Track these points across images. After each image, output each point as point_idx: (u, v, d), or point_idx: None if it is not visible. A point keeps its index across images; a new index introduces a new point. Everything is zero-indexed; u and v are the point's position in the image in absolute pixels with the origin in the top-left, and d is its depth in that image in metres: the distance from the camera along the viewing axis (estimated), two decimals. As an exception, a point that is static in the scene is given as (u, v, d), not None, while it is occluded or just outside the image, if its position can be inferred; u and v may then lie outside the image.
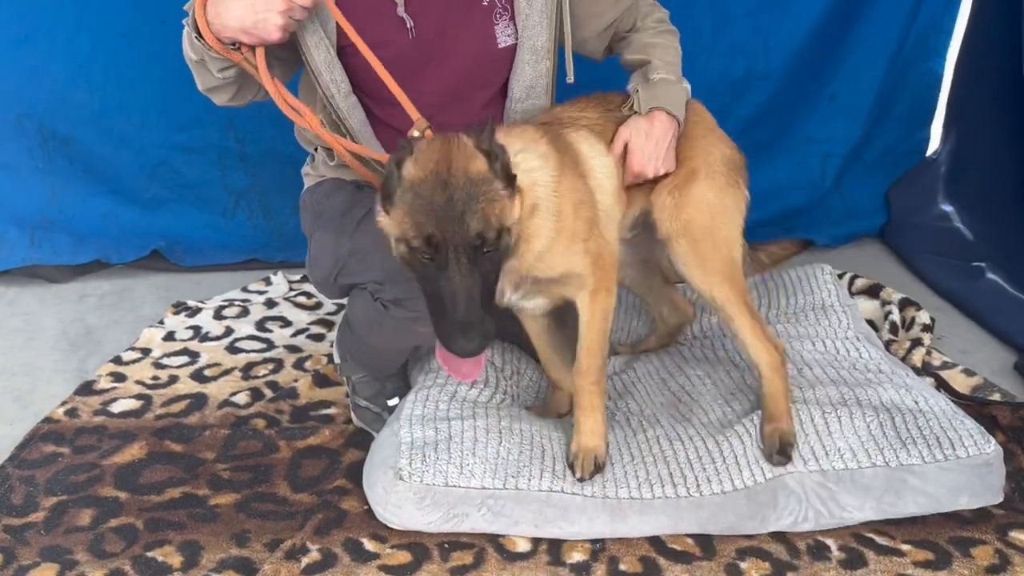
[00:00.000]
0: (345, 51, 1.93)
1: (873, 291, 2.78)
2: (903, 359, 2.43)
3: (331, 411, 2.33)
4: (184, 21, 1.83)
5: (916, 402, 1.99)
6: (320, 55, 1.90)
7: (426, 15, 1.93)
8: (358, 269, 1.97)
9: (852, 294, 2.77)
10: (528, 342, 2.22)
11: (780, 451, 1.85)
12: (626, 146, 1.98)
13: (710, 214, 1.99)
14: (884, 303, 2.72)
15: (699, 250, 1.96)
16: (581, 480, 1.84)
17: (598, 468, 1.86)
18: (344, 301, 2.24)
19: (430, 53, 1.91)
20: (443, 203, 1.55)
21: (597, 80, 2.17)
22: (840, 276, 2.81)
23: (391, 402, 2.23)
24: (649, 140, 1.95)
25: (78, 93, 3.15)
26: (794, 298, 2.58)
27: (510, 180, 1.64)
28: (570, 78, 2.07)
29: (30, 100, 3.14)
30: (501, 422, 1.95)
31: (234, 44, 1.80)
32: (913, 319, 2.62)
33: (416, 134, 1.79)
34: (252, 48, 1.81)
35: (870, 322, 2.64)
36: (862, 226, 3.51)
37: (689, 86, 2.09)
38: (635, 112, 2.01)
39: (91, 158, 3.25)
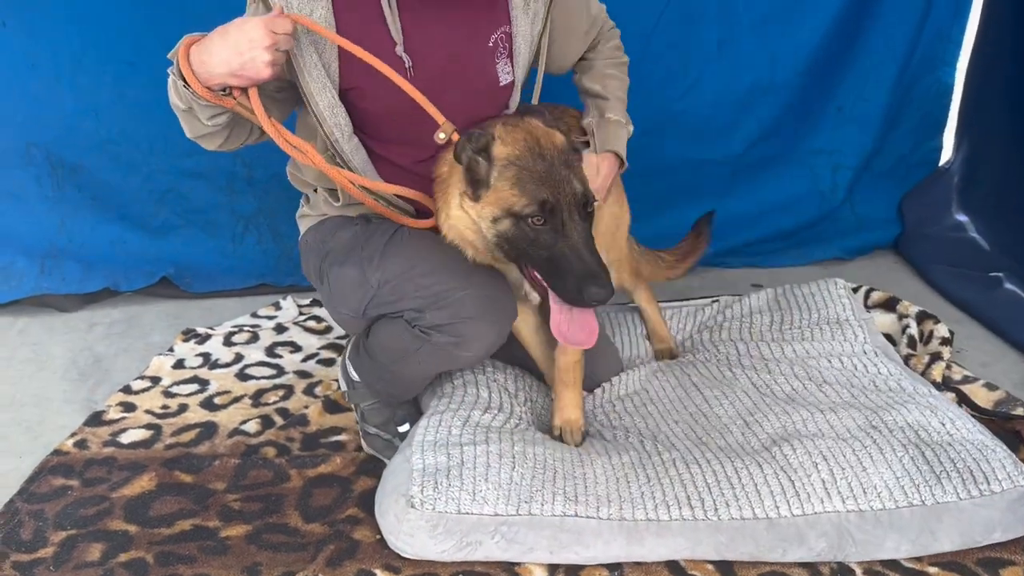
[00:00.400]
0: (347, 94, 1.93)
1: (889, 304, 2.74)
2: (922, 374, 2.39)
3: (342, 438, 2.30)
4: (169, 70, 1.79)
5: (943, 424, 1.95)
6: (323, 99, 1.89)
7: (425, 55, 1.92)
8: (392, 299, 1.95)
9: (868, 307, 2.73)
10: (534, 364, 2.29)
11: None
12: None
13: (615, 223, 2.37)
14: (901, 316, 2.68)
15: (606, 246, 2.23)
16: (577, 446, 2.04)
17: (584, 436, 2.10)
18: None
19: (427, 91, 1.89)
20: (547, 170, 1.73)
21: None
22: (855, 289, 2.77)
23: (402, 428, 2.20)
24: (598, 177, 2.10)
25: (86, 121, 3.15)
26: (807, 313, 2.55)
27: (578, 152, 1.85)
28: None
29: (38, 129, 3.14)
30: (515, 447, 1.92)
31: (224, 90, 1.77)
32: (931, 332, 2.58)
33: (443, 136, 1.88)
34: (244, 91, 1.78)
35: (887, 336, 2.60)
36: (875, 238, 3.48)
37: (633, 128, 2.20)
38: (589, 147, 2.14)
39: (99, 185, 3.25)
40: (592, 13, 2.18)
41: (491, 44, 1.99)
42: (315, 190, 2.16)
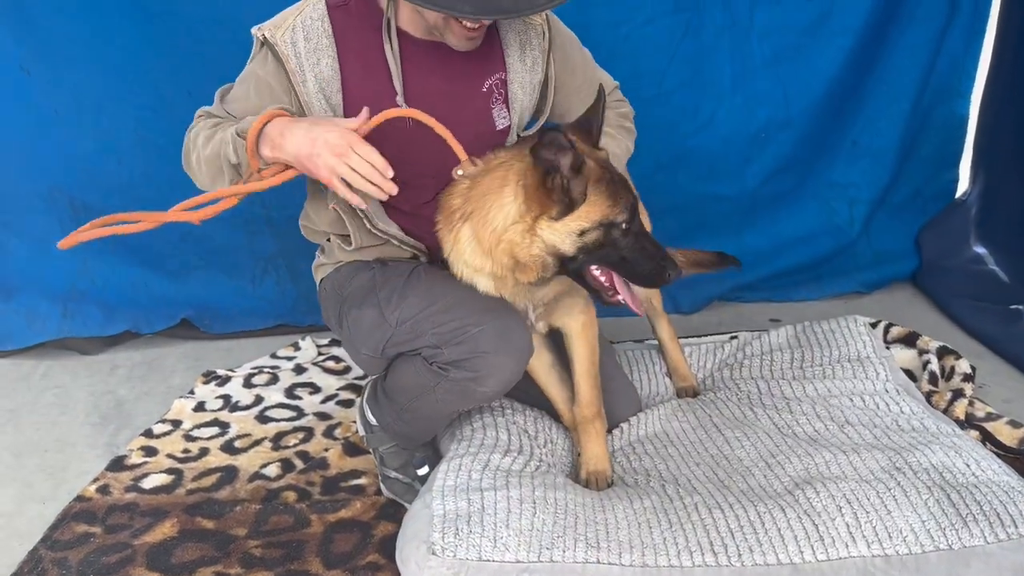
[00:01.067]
0: None
1: (909, 339, 2.73)
2: (945, 411, 2.37)
3: (362, 481, 2.31)
4: (235, 128, 1.86)
5: (968, 465, 1.92)
6: None
7: (423, 102, 1.94)
8: (409, 337, 1.98)
9: (888, 343, 2.72)
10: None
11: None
12: None
13: None
14: (921, 352, 2.66)
15: None
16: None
17: (609, 485, 2.11)
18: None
19: (425, 137, 1.90)
20: (616, 180, 1.84)
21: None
22: (874, 325, 2.76)
23: (421, 471, 2.21)
24: None
25: (108, 165, 3.19)
26: (828, 351, 2.53)
27: None
28: None
29: (61, 174, 3.18)
30: (535, 491, 1.91)
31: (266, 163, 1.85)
32: (953, 368, 2.56)
33: (460, 173, 1.91)
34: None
35: (908, 372, 2.58)
36: (893, 271, 3.47)
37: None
38: None
39: (121, 228, 3.29)
40: (591, 74, 2.21)
41: (485, 90, 2.05)
42: (328, 239, 2.19)
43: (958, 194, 3.54)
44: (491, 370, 1.92)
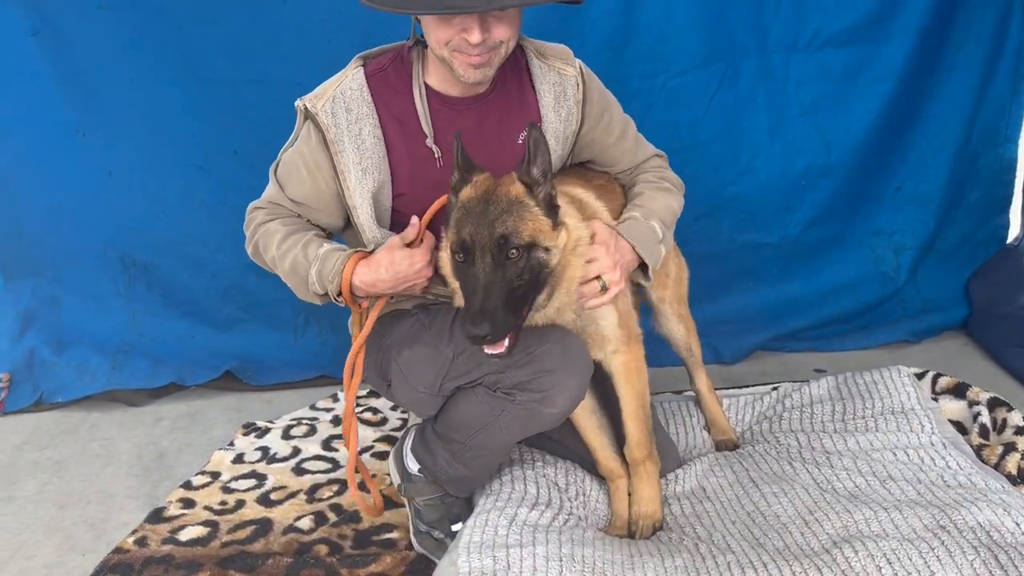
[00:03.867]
0: (395, 200, 2.07)
1: (959, 390, 2.63)
2: (995, 466, 2.27)
3: (393, 535, 2.29)
4: (312, 270, 1.95)
5: (1018, 524, 1.82)
6: (366, 219, 2.04)
7: (451, 145, 2.00)
8: (469, 367, 1.99)
9: (936, 393, 2.62)
10: (587, 453, 2.25)
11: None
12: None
13: (679, 277, 2.50)
14: (971, 403, 2.56)
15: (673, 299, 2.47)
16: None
17: (655, 531, 2.11)
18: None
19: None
20: (479, 213, 1.78)
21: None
22: (921, 375, 2.67)
23: (455, 527, 2.17)
24: (611, 246, 2.00)
25: (158, 222, 3.31)
26: (870, 402, 2.46)
27: (551, 209, 1.83)
28: None
29: (113, 230, 3.32)
30: (562, 548, 1.88)
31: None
32: (1004, 420, 2.45)
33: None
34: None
35: (957, 424, 2.49)
36: (943, 319, 3.38)
37: (658, 228, 2.11)
38: None
39: (169, 283, 3.39)
40: (624, 129, 2.25)
41: (521, 141, 2.09)
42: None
43: (1009, 240, 3.44)
44: (558, 388, 1.92)
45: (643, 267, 2.09)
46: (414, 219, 1.93)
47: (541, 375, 1.90)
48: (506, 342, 1.75)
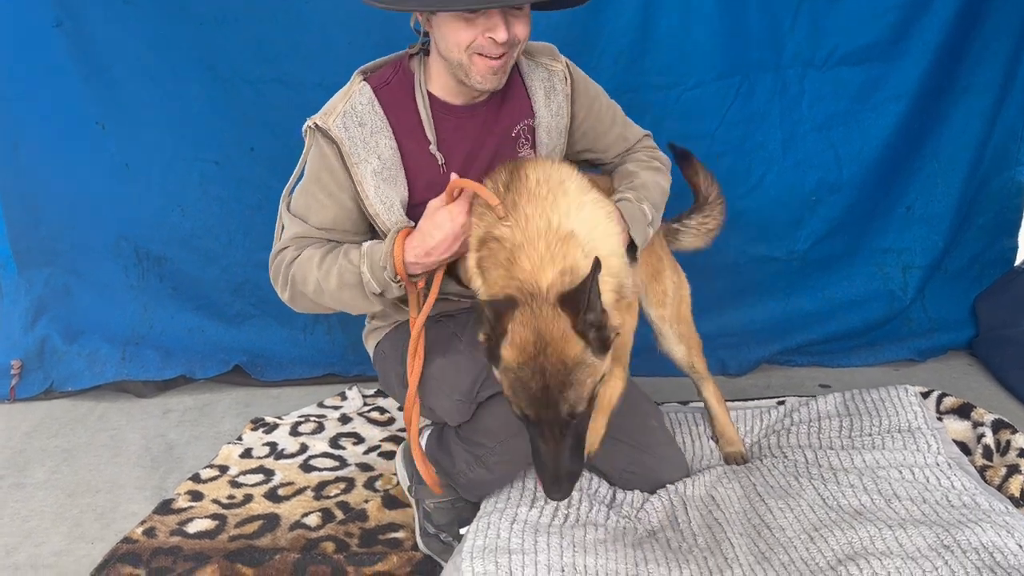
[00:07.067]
0: (413, 210, 2.06)
1: (963, 411, 2.64)
2: (999, 487, 2.28)
3: (399, 535, 2.32)
4: (360, 265, 1.93)
5: (1021, 547, 1.83)
6: (391, 218, 2.03)
7: (453, 151, 2.06)
8: None
9: (940, 413, 2.64)
10: None
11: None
12: None
13: (678, 295, 2.47)
14: (976, 424, 2.58)
15: (671, 319, 2.45)
16: None
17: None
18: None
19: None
20: (538, 391, 1.62)
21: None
22: (926, 395, 2.69)
23: (463, 531, 2.18)
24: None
25: (172, 216, 3.34)
26: (877, 420, 2.48)
27: (605, 346, 1.67)
28: None
29: (128, 223, 3.35)
30: (564, 556, 1.89)
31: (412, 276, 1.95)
32: (1008, 442, 2.47)
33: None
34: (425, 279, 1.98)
35: (961, 444, 2.51)
36: (949, 339, 3.39)
37: (648, 210, 2.08)
38: None
39: (181, 276, 3.42)
40: (621, 126, 2.28)
41: (514, 135, 2.13)
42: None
43: (1017, 262, 3.46)
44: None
45: (631, 248, 2.05)
46: (453, 176, 1.91)
47: None
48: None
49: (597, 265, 1.61)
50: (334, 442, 2.84)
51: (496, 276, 1.75)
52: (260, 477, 2.64)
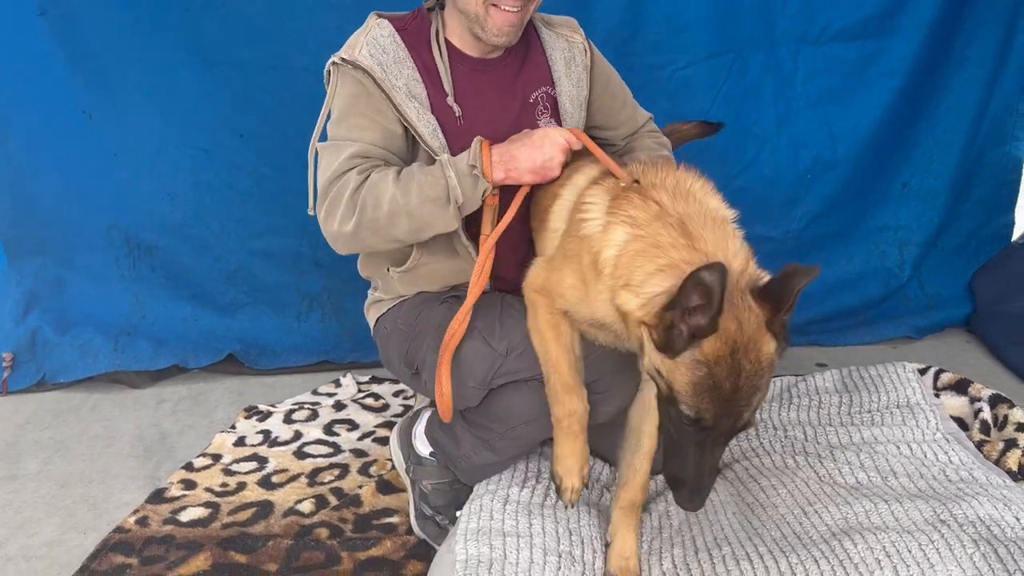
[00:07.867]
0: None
1: (961, 386, 2.63)
2: (996, 462, 2.27)
3: (393, 520, 2.30)
4: (447, 172, 1.88)
5: (1018, 519, 1.83)
6: (435, 143, 2.00)
7: (471, 106, 2.05)
8: (519, 366, 1.94)
9: (938, 389, 2.63)
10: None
11: None
12: None
13: None
14: (973, 400, 2.56)
15: None
16: None
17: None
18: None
19: (473, 136, 1.95)
20: (728, 394, 1.43)
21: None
22: (924, 371, 2.67)
23: (459, 513, 2.16)
24: None
25: (162, 205, 3.31)
26: (876, 396, 2.47)
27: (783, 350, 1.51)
28: None
29: (118, 212, 3.32)
30: (560, 543, 1.88)
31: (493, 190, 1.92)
32: (1006, 417, 2.45)
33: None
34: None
35: (959, 420, 2.49)
36: (946, 316, 3.38)
37: None
38: None
39: (173, 265, 3.39)
40: (632, 109, 2.31)
41: (532, 101, 2.12)
42: (387, 269, 2.17)
43: (1014, 237, 3.44)
44: (617, 388, 1.95)
45: None
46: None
47: (601, 377, 1.92)
48: None
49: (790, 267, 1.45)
50: (328, 429, 2.83)
51: (656, 239, 1.54)
52: (253, 465, 2.63)
